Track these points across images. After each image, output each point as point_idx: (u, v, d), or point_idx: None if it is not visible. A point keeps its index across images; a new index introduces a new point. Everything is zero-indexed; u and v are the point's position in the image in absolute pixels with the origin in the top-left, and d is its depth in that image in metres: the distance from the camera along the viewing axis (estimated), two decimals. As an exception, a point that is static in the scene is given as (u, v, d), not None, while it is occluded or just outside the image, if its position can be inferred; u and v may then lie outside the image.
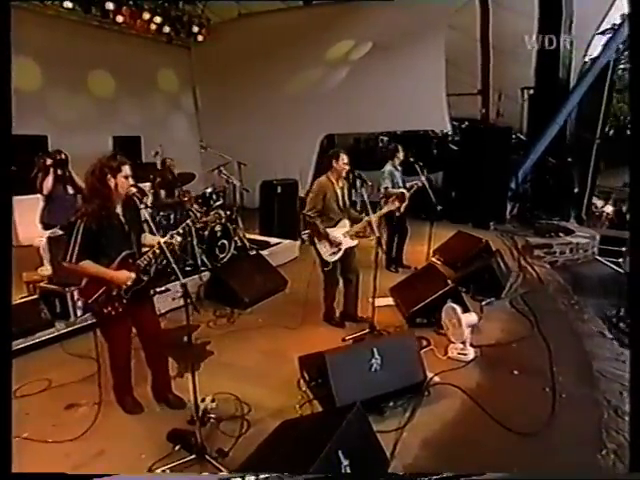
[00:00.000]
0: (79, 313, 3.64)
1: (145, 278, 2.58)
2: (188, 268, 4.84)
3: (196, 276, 4.62)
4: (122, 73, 8.61)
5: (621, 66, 11.11)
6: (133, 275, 2.46)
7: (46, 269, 4.10)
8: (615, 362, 3.35)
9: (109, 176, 2.38)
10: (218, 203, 5.31)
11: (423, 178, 5.18)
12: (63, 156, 4.32)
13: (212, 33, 9.68)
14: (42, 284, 3.73)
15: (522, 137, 9.67)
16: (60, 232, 4.18)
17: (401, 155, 5.35)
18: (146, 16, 8.41)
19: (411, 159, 5.29)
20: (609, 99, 8.42)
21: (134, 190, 2.57)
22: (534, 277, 5.39)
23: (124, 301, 2.50)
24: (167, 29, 8.90)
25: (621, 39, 8.07)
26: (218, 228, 5.18)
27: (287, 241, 6.35)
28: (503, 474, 1.75)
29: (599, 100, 8.19)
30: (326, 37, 9.07)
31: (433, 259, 5.70)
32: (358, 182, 4.03)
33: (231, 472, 2.06)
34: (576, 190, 8.06)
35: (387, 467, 2.08)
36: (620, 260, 7.31)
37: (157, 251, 2.52)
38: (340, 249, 3.64)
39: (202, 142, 5.70)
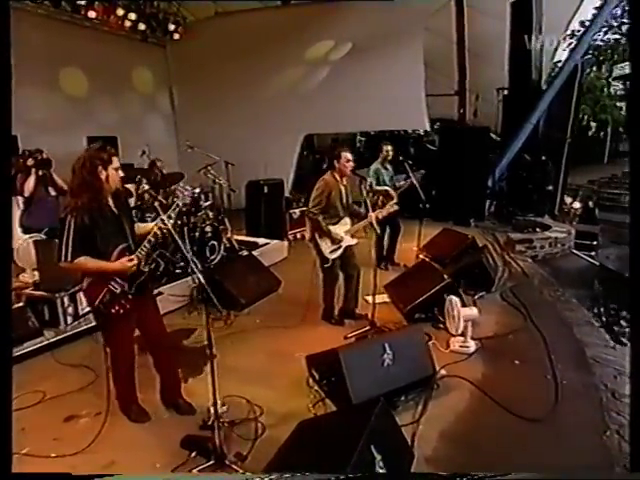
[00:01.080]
0: (69, 320, 3.47)
1: (146, 269, 2.50)
2: (178, 271, 4.72)
3: (189, 278, 4.50)
4: (95, 71, 8.29)
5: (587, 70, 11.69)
6: (135, 261, 2.36)
7: (28, 275, 3.89)
8: (606, 348, 3.52)
9: (100, 168, 2.30)
10: (207, 203, 5.21)
11: (412, 177, 5.25)
12: (45, 156, 4.11)
13: (189, 32, 9.48)
14: (27, 291, 3.52)
15: (494, 137, 10.00)
16: (42, 236, 3.99)
17: (390, 154, 5.41)
18: (120, 12, 8.13)
19: (400, 157, 5.36)
20: (578, 100, 8.83)
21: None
22: (519, 271, 5.58)
23: (130, 297, 2.40)
24: (142, 26, 8.65)
25: (587, 44, 8.49)
26: (208, 229, 5.09)
27: (275, 241, 6.30)
28: (528, 474, 1.80)
29: (569, 101, 8.57)
30: (305, 37, 9.08)
31: (420, 256, 5.79)
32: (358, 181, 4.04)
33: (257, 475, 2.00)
34: (550, 187, 8.40)
35: (412, 460, 2.09)
36: (592, 253, 7.71)
37: (152, 239, 2.45)
38: (341, 247, 3.65)
39: (188, 142, 5.56)
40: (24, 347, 3.24)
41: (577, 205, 11.08)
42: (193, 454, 2.31)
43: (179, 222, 4.54)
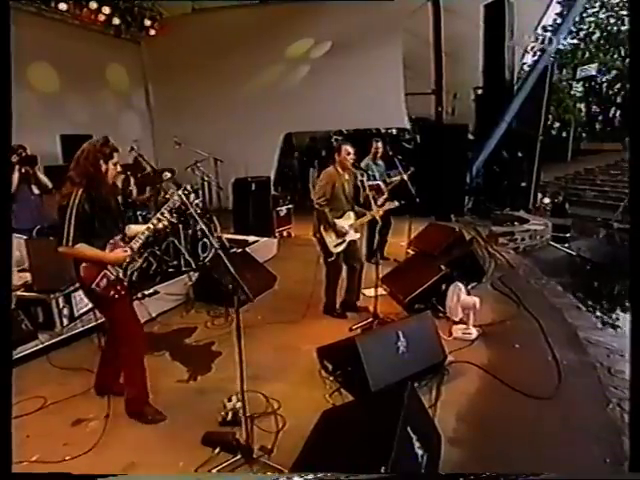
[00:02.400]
0: (65, 322, 3.32)
1: (140, 260, 2.57)
2: (171, 270, 4.61)
3: (184, 276, 4.41)
4: (66, 67, 7.94)
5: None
6: (128, 253, 2.43)
7: (15, 278, 3.69)
8: (595, 330, 3.72)
9: (101, 162, 2.37)
10: (197, 201, 5.10)
11: (402, 172, 5.35)
12: (28, 152, 3.93)
13: (165, 28, 9.25)
14: (19, 292, 3.34)
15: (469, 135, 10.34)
16: (21, 237, 3.79)
17: (380, 150, 5.49)
18: (93, 5, 7.83)
19: (390, 153, 5.45)
20: (548, 99, 9.26)
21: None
22: (504, 262, 5.80)
23: (125, 284, 2.45)
24: (117, 21, 8.37)
25: (556, 46, 8.93)
26: (199, 227, 4.99)
27: (265, 239, 6.25)
28: (560, 475, 1.88)
29: (540, 100, 8.99)
30: (284, 35, 9.07)
31: (408, 250, 5.91)
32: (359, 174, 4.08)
33: (291, 471, 1.99)
34: (524, 184, 8.77)
35: (440, 440, 2.14)
36: (566, 245, 8.11)
37: (147, 232, 2.50)
38: (345, 240, 3.68)
39: (176, 138, 5.43)
40: (18, 351, 3.06)
41: (547, 200, 11.60)
42: (217, 450, 2.27)
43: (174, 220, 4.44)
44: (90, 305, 3.58)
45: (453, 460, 2.15)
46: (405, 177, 5.35)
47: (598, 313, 4.11)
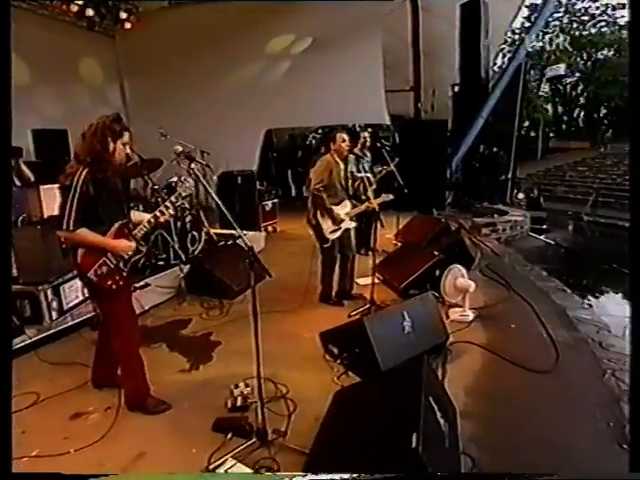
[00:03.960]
0: (55, 316, 3.16)
1: (143, 249, 2.45)
2: (161, 262, 4.49)
3: (175, 269, 4.30)
4: (37, 60, 7.59)
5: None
6: (133, 244, 2.32)
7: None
8: (583, 309, 3.88)
9: (110, 140, 2.21)
10: (185, 193, 4.98)
11: (390, 163, 5.41)
12: (13, 139, 3.72)
13: (141, 21, 8.99)
14: (2, 286, 3.15)
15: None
16: None
17: (367, 141, 5.53)
18: (66, -5, 7.54)
19: (378, 144, 5.50)
20: (523, 96, 9.60)
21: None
22: (488, 251, 5.95)
23: (124, 274, 2.32)
24: (90, 12, 8.07)
25: (529, 45, 9.28)
26: (188, 219, 4.90)
27: (252, 232, 6.19)
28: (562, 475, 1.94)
29: (514, 97, 9.31)
30: (265, 31, 9.00)
31: (395, 242, 5.99)
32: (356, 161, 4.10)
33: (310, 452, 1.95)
34: (502, 177, 9.05)
35: (456, 413, 2.17)
36: (542, 236, 8.44)
37: (152, 220, 2.40)
38: (341, 228, 3.69)
39: (161, 129, 5.27)
40: (4, 347, 2.89)
41: (521, 196, 12.03)
42: (229, 436, 2.22)
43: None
44: (80, 298, 3.46)
45: (467, 432, 2.18)
46: (393, 167, 5.41)
47: (583, 294, 4.28)
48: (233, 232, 6.01)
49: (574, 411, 2.40)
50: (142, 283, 3.87)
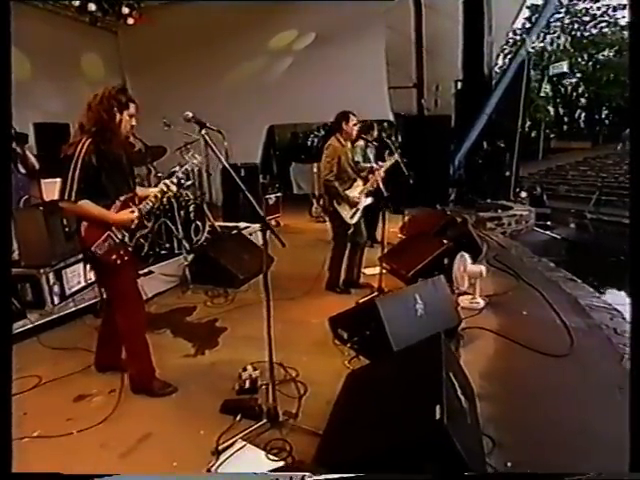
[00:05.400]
0: (56, 300, 3.09)
1: (148, 225, 2.40)
2: (164, 252, 4.42)
3: (181, 257, 4.23)
4: (38, 53, 7.57)
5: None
6: (136, 215, 2.24)
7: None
8: (594, 298, 3.80)
9: (116, 110, 2.15)
10: (189, 182, 4.91)
11: (396, 154, 5.34)
12: (18, 130, 3.71)
13: (144, 17, 8.95)
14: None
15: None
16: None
17: (375, 132, 5.48)
18: (68, -11, 7.50)
19: (384, 134, 5.44)
20: (527, 92, 9.56)
21: None
22: (495, 244, 5.89)
23: (129, 249, 2.25)
24: (92, 7, 8.02)
25: (532, 41, 9.25)
26: (192, 209, 4.83)
27: (256, 225, 6.11)
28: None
29: (518, 93, 9.27)
30: (268, 26, 8.96)
31: (400, 235, 5.91)
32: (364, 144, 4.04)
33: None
34: (508, 173, 9.00)
35: (474, 393, 2.09)
36: (547, 232, 8.38)
37: (159, 194, 2.35)
38: (358, 209, 3.64)
39: (165, 119, 5.22)
40: (5, 331, 2.82)
41: (524, 194, 11.98)
42: (238, 418, 2.14)
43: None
44: (83, 284, 3.39)
45: (485, 415, 2.10)
46: (399, 158, 5.34)
47: (593, 284, 4.21)
48: (238, 225, 6.00)
49: (594, 393, 2.33)
50: (146, 270, 3.80)
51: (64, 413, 2.24)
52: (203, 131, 2.11)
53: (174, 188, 2.44)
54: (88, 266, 3.09)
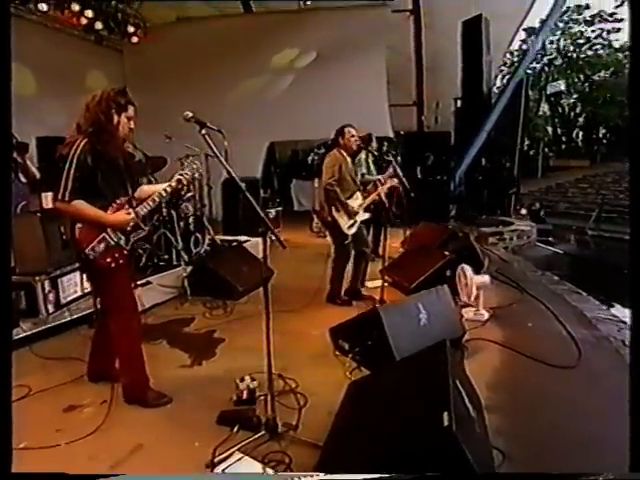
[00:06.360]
0: (51, 309, 3.02)
1: (146, 228, 2.35)
2: (162, 263, 4.37)
3: (179, 268, 4.18)
4: (44, 70, 7.70)
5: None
6: (132, 216, 2.19)
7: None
8: (600, 311, 3.73)
9: (114, 111, 2.13)
10: (189, 194, 4.92)
11: (397, 167, 5.35)
12: (19, 139, 3.73)
13: (148, 36, 9.15)
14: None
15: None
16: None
17: (374, 144, 5.50)
18: (75, 8, 7.66)
19: (384, 148, 5.47)
20: (526, 110, 9.66)
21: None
22: (497, 258, 5.84)
23: (125, 252, 2.19)
24: (99, 25, 8.20)
25: (531, 59, 9.41)
26: (191, 220, 4.81)
27: (256, 239, 6.08)
28: None
29: (517, 111, 9.37)
30: (269, 45, 9.14)
31: (401, 249, 5.87)
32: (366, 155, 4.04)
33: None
34: (506, 191, 9.01)
35: (481, 401, 2.01)
36: (550, 247, 8.34)
37: (157, 199, 2.31)
38: (356, 221, 3.61)
39: (166, 131, 5.26)
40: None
41: (524, 212, 11.98)
42: (235, 429, 2.05)
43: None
44: (79, 293, 3.32)
45: (493, 427, 2.01)
46: (399, 171, 5.34)
47: (599, 297, 4.14)
48: (238, 238, 5.96)
49: (607, 404, 2.23)
50: (144, 281, 3.74)
51: (53, 424, 2.15)
52: (203, 131, 2.09)
53: (184, 180, 2.40)
54: (84, 276, 3.03)
